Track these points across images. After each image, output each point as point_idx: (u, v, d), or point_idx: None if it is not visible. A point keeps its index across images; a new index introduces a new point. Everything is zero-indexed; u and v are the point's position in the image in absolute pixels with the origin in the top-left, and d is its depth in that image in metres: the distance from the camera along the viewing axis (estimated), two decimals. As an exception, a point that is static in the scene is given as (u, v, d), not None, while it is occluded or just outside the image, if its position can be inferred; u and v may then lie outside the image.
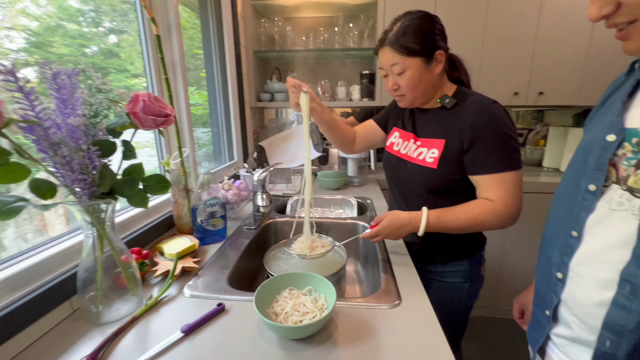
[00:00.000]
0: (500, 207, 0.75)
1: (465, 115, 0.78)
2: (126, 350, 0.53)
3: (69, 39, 1.18)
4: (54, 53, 1.10)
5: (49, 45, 1.10)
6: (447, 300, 0.95)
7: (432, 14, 0.80)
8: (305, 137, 0.81)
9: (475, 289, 0.95)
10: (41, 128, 0.48)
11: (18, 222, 0.87)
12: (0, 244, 0.79)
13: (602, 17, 0.46)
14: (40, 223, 0.90)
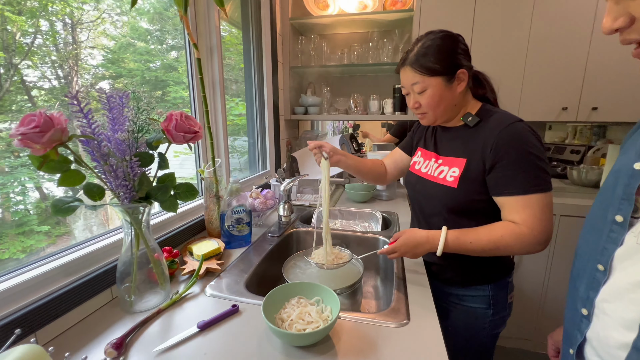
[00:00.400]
0: (526, 231, 0.71)
1: (488, 134, 0.76)
2: (149, 338, 0.60)
3: (138, 55, 1.35)
4: (125, 68, 1.28)
5: (121, 61, 1.27)
6: (468, 326, 0.91)
7: (455, 34, 0.80)
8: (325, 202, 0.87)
9: (500, 317, 0.90)
10: (95, 141, 0.58)
11: (86, 215, 1.04)
12: (72, 234, 0.94)
13: (615, 31, 0.43)
14: (103, 217, 1.05)
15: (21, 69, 0.87)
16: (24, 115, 0.50)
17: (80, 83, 1.11)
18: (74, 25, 1.08)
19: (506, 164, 0.72)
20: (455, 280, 0.89)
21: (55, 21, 0.98)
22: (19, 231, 0.90)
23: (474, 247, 0.75)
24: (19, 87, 0.93)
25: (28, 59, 0.89)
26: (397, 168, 1.12)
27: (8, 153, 0.86)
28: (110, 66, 1.25)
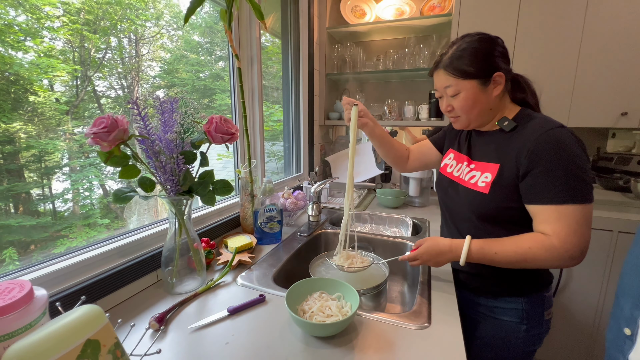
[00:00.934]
0: (557, 244, 0.67)
1: (524, 139, 0.73)
2: (186, 317, 0.67)
3: (189, 66, 1.48)
4: (178, 77, 1.41)
5: (175, 72, 1.40)
6: (499, 340, 0.86)
7: (494, 36, 0.78)
8: (351, 149, 0.87)
9: (536, 334, 0.84)
10: (149, 141, 0.67)
11: (140, 211, 1.17)
12: (127, 227, 1.08)
13: None
14: (154, 213, 1.18)
15: (93, 81, 1.01)
16: (95, 118, 0.60)
17: (140, 92, 1.24)
18: (137, 40, 1.21)
19: (542, 170, 0.69)
20: (485, 290, 0.86)
21: (122, 37, 1.12)
22: (84, 223, 1.03)
23: (499, 259, 0.72)
24: (90, 96, 1.06)
25: (99, 71, 1.03)
26: (421, 159, 1.09)
27: (80, 154, 1.01)
28: (166, 76, 1.38)
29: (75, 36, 0.95)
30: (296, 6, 1.66)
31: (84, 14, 0.97)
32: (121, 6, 1.09)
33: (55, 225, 0.91)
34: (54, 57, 0.86)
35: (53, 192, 0.95)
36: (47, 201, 0.93)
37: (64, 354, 0.37)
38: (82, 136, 0.94)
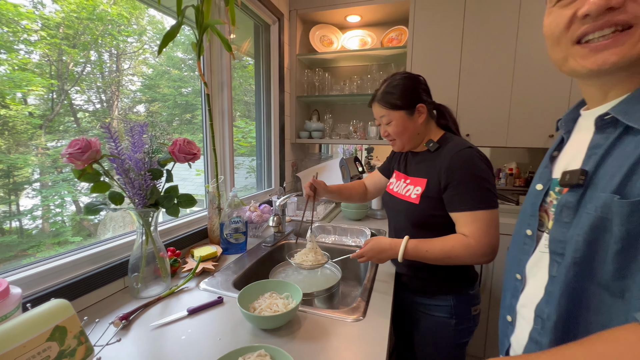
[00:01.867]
0: (473, 243, 0.81)
1: (443, 158, 0.88)
2: (148, 317, 0.75)
3: (171, 82, 1.51)
4: (159, 93, 1.44)
5: (157, 87, 1.42)
6: (435, 334, 0.98)
7: (416, 75, 0.95)
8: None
9: (465, 328, 0.96)
10: (120, 160, 0.76)
11: (115, 228, 1.19)
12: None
13: (609, 8, 0.39)
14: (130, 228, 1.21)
15: (70, 94, 1.03)
16: (71, 140, 0.69)
17: (119, 106, 1.27)
18: (118, 55, 1.24)
19: (457, 184, 0.84)
20: (422, 290, 0.98)
21: (103, 52, 1.16)
22: (54, 241, 1.01)
23: (429, 255, 0.85)
24: (67, 110, 1.05)
25: (77, 85, 1.06)
26: (376, 188, 1.26)
27: (52, 169, 1.01)
28: (147, 91, 1.40)
29: (53, 50, 0.96)
30: (267, 34, 1.82)
31: (64, 28, 0.98)
32: (103, 22, 1.11)
33: (21, 244, 0.91)
34: (30, 71, 0.88)
35: (21, 209, 0.94)
36: (14, 218, 0.93)
37: (37, 336, 0.46)
38: (56, 151, 0.97)
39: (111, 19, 1.13)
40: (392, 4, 1.80)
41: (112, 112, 1.20)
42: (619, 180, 0.40)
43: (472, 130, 1.72)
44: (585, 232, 0.43)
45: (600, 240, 0.42)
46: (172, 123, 1.51)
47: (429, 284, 0.97)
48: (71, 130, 1.05)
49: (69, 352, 0.48)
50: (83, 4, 1.01)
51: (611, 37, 0.41)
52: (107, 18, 1.11)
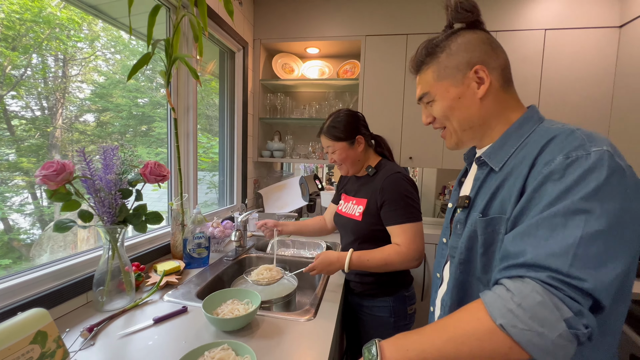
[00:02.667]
0: (405, 250, 0.98)
1: (378, 182, 1.07)
2: (114, 327, 0.80)
3: (127, 92, 1.45)
4: (112, 102, 1.36)
5: (109, 96, 1.34)
6: (378, 332, 1.13)
7: (356, 112, 1.14)
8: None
9: (403, 325, 1.13)
10: (91, 181, 0.83)
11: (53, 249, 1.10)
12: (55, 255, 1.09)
13: (428, 123, 0.70)
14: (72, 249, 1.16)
15: (5, 100, 0.91)
16: (45, 162, 0.75)
17: (64, 114, 1.16)
18: (66, 60, 1.14)
19: (389, 202, 1.02)
20: (367, 293, 1.14)
21: (47, 57, 1.07)
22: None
23: (371, 264, 1.01)
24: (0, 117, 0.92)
25: (15, 90, 0.96)
26: (333, 219, 1.36)
27: None
28: (98, 100, 1.31)
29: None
30: (232, 60, 1.95)
31: (2, 28, 0.92)
32: (50, 25, 1.05)
33: None
34: None
35: None
36: None
37: (21, 339, 0.52)
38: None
39: (60, 23, 1.08)
40: (346, 41, 2.04)
41: (56, 120, 1.13)
42: (484, 204, 0.58)
43: (414, 154, 1.98)
44: (466, 240, 0.61)
45: (474, 246, 0.60)
46: (125, 134, 1.46)
47: (372, 288, 1.13)
48: (4, 139, 0.96)
49: (49, 354, 0.55)
50: (27, 5, 0.97)
51: (442, 132, 0.69)
52: (56, 22, 1.07)
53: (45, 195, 0.77)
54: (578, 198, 0.43)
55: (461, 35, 0.61)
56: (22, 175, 1.04)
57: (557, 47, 1.79)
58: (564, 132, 0.50)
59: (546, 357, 0.40)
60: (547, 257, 0.42)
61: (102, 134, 1.36)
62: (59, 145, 1.14)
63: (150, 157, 1.57)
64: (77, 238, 1.27)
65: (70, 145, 1.19)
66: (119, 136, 1.43)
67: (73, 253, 0.97)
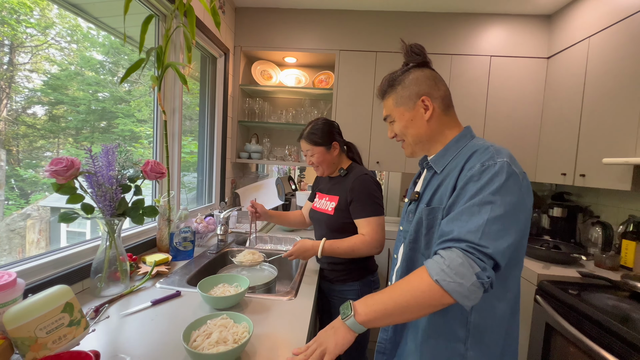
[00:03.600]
0: (369, 239, 1.16)
1: (349, 182, 1.24)
2: (115, 309, 0.89)
3: (85, 85, 1.34)
4: (68, 96, 1.23)
5: (64, 88, 1.22)
6: None
7: (332, 121, 1.31)
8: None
9: None
10: (95, 176, 0.91)
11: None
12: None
13: (392, 137, 0.90)
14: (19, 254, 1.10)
15: None
16: (53, 158, 0.83)
17: (9, 106, 1.05)
18: (13, 47, 1.04)
19: (357, 199, 1.20)
20: (337, 279, 1.30)
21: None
22: None
23: (340, 251, 1.17)
24: None
25: None
26: (309, 214, 1.52)
27: None
28: (51, 92, 1.19)
29: None
30: (214, 65, 2.04)
31: None
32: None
33: None
34: None
35: None
36: None
37: (54, 307, 0.61)
38: None
39: (10, 7, 1.00)
40: (322, 54, 2.21)
41: (0, 111, 1.03)
42: (429, 198, 0.78)
43: (381, 159, 2.20)
44: (414, 225, 0.80)
45: (420, 229, 0.79)
46: (81, 130, 1.36)
47: (342, 275, 1.29)
48: None
49: (76, 322, 0.64)
50: None
51: (402, 144, 0.87)
52: (5, 4, 0.98)
53: (53, 189, 0.84)
54: (487, 193, 0.63)
55: (412, 72, 0.81)
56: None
57: (500, 71, 2.11)
58: (482, 147, 0.71)
59: (464, 300, 0.59)
60: (466, 234, 0.62)
61: (54, 128, 1.25)
62: (3, 140, 1.06)
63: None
64: (26, 241, 1.27)
65: (16, 140, 1.11)
66: (74, 132, 1.33)
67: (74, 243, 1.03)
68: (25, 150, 1.14)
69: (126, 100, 1.60)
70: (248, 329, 0.74)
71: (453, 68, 2.11)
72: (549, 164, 2.00)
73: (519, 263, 0.72)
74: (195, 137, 2.02)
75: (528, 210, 0.68)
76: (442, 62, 2.11)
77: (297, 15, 2.19)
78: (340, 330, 0.67)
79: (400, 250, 0.88)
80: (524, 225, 0.67)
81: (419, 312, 0.63)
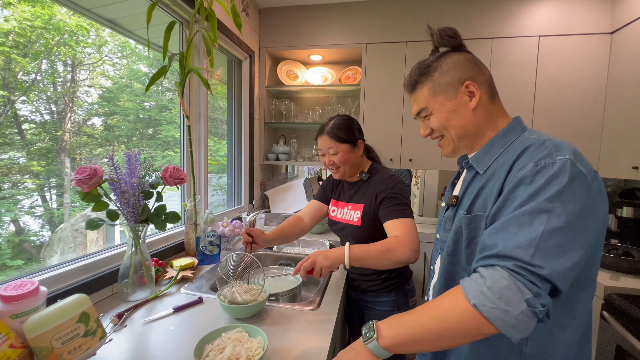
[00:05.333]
0: (404, 240, 1.00)
1: (374, 185, 1.14)
2: (139, 315, 0.90)
3: (134, 96, 1.49)
4: (120, 107, 1.39)
5: (116, 100, 1.38)
6: None
7: (353, 117, 1.21)
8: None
9: None
10: (118, 183, 0.92)
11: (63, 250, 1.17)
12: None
13: (427, 135, 0.77)
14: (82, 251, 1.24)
15: (16, 105, 0.94)
16: (79, 167, 0.85)
17: (73, 118, 1.18)
18: (74, 65, 1.16)
19: (387, 201, 1.09)
20: (369, 290, 1.21)
21: (57, 62, 1.08)
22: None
23: (372, 253, 0.97)
24: (10, 121, 0.96)
25: (25, 95, 0.98)
26: (315, 217, 1.35)
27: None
28: (106, 104, 1.34)
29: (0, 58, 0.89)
30: (240, 68, 2.05)
31: (14, 36, 0.95)
32: (59, 32, 1.08)
33: None
34: None
35: None
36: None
37: (70, 318, 0.61)
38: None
39: (69, 30, 1.11)
40: (348, 49, 2.13)
41: (65, 124, 1.17)
42: (469, 203, 0.67)
43: (414, 156, 2.06)
44: (453, 234, 0.70)
45: (459, 240, 0.68)
46: (132, 138, 1.50)
47: (375, 284, 1.19)
48: (14, 143, 0.98)
49: (91, 332, 0.64)
50: (38, 13, 1.00)
51: (439, 142, 0.75)
52: (65, 28, 1.10)
53: (79, 197, 0.86)
54: (543, 199, 0.52)
55: (450, 56, 0.70)
56: (32, 178, 1.08)
57: (551, 52, 1.86)
58: (537, 142, 0.59)
59: (511, 330, 0.49)
60: (515, 249, 0.51)
61: (109, 137, 1.41)
62: (68, 149, 1.18)
63: (158, 160, 1.68)
64: (87, 239, 1.37)
65: (79, 149, 1.25)
66: (126, 139, 1.47)
67: (97, 250, 1.07)
68: (86, 157, 1.30)
69: (168, 107, 1.68)
70: (262, 345, 0.69)
71: (494, 54, 1.90)
72: (616, 156, 1.72)
73: (590, 284, 0.58)
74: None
75: (601, 219, 0.54)
76: (481, 48, 1.91)
77: (321, 10, 2.13)
78: (361, 354, 0.60)
79: (438, 261, 0.77)
80: (596, 237, 0.54)
81: (453, 341, 0.53)
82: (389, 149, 2.06)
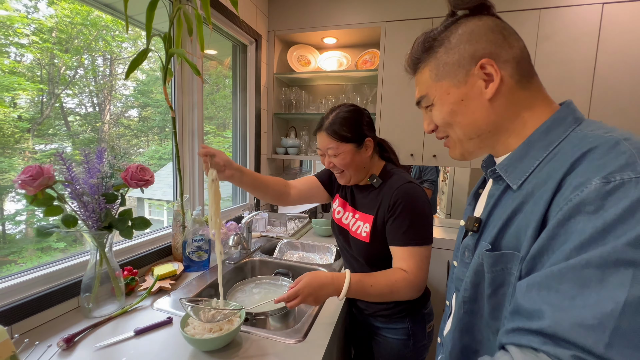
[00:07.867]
0: (412, 278, 0.82)
1: (386, 194, 0.91)
2: (95, 338, 0.78)
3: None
4: (152, 98, 1.42)
5: (150, 92, 1.42)
6: (393, 356, 1.00)
7: (362, 108, 0.97)
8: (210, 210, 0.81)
9: (421, 346, 0.99)
10: (73, 185, 0.80)
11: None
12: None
13: (431, 131, 0.60)
14: None
15: (62, 98, 1.02)
16: (25, 167, 0.73)
17: (112, 110, 1.26)
18: (112, 60, 1.22)
19: (396, 218, 0.87)
20: (379, 315, 1.00)
21: (96, 57, 1.16)
22: (37, 247, 0.98)
23: (374, 291, 0.82)
24: (57, 114, 1.04)
25: (69, 88, 1.05)
26: (306, 195, 1.12)
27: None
28: (140, 97, 1.39)
29: (45, 54, 0.94)
30: (244, 54, 1.88)
31: (57, 32, 0.98)
32: (96, 27, 1.12)
33: (2, 249, 0.91)
34: (19, 74, 0.88)
35: (4, 213, 0.93)
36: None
37: (-36, 362, 0.49)
38: (43, 154, 0.99)
39: (105, 25, 1.16)
40: (365, 29, 1.88)
41: (104, 116, 1.22)
42: (496, 232, 0.45)
43: (438, 151, 1.79)
44: (472, 274, 0.48)
45: (480, 284, 0.47)
46: (164, 129, 1.51)
47: (385, 309, 0.98)
48: (61, 134, 1.06)
49: (-3, 377, 0.51)
50: (77, 10, 1.04)
51: (445, 142, 0.57)
52: (102, 24, 1.15)
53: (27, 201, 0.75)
54: (623, 243, 0.30)
55: (463, 24, 0.48)
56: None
57: (618, 22, 1.49)
58: (606, 142, 0.36)
59: None
60: (574, 328, 0.29)
61: (143, 128, 1.49)
62: (107, 139, 1.27)
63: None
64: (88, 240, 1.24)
65: (118, 140, 1.36)
66: (159, 130, 1.55)
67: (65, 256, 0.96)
68: (124, 147, 1.39)
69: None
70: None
71: (542, 27, 1.57)
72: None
73: None
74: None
75: None
76: (525, 21, 1.58)
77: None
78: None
79: (453, 301, 0.57)
80: None
81: None
82: (409, 142, 1.81)
